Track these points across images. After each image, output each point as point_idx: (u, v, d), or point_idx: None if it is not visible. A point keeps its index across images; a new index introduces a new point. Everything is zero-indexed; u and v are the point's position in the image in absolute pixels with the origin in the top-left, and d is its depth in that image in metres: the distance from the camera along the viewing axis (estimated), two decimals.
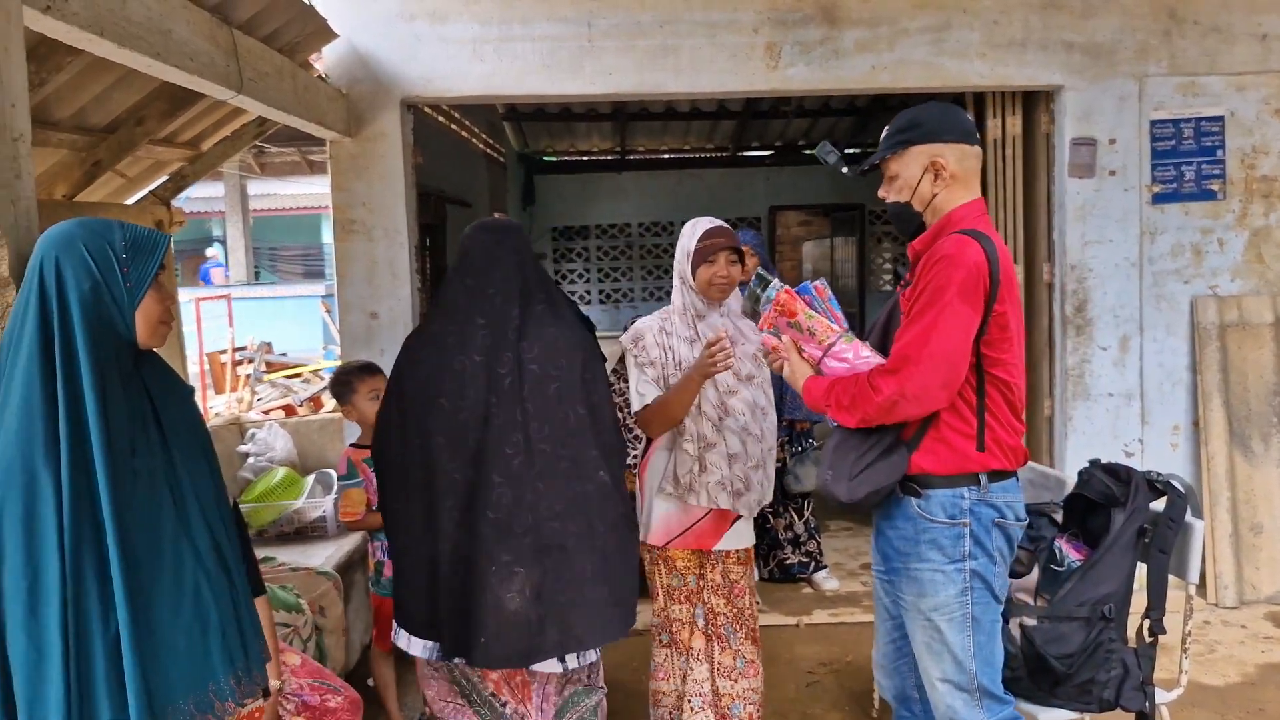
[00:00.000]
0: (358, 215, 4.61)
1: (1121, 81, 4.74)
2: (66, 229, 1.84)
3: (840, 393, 2.45)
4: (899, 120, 2.53)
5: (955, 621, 2.46)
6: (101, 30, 2.40)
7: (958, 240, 2.38)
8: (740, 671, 3.13)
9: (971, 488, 2.44)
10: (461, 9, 4.55)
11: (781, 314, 2.60)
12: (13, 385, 1.75)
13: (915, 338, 2.34)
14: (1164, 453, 4.81)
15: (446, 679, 2.62)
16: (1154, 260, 4.80)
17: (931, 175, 2.47)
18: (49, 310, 1.77)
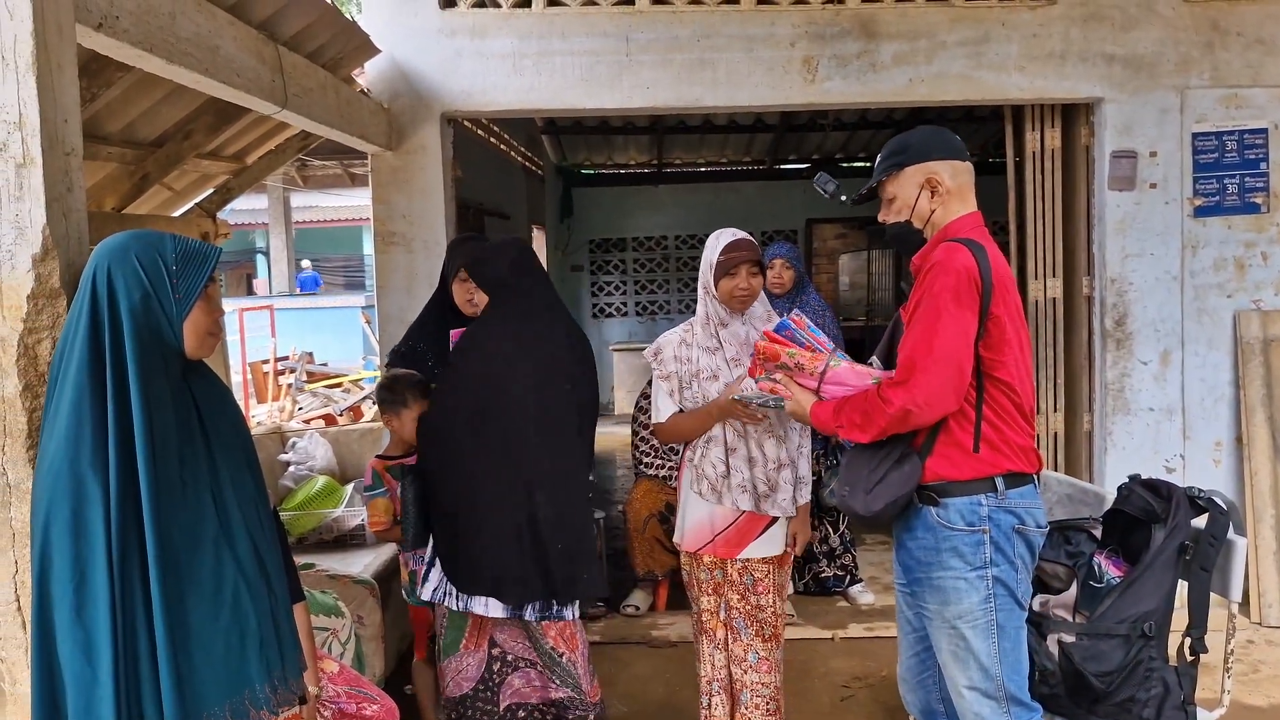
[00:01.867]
0: (398, 227, 4.67)
1: (1163, 94, 4.69)
2: (120, 240, 1.89)
3: (850, 412, 2.50)
4: (889, 145, 2.64)
5: (980, 629, 2.49)
6: (151, 46, 2.45)
7: (946, 248, 2.46)
8: (751, 665, 3.19)
9: (989, 494, 2.47)
10: (501, 24, 4.60)
11: (765, 360, 2.68)
12: (64, 391, 1.79)
13: (917, 346, 2.41)
14: (1206, 468, 4.75)
15: (519, 627, 3.10)
16: (1196, 274, 4.75)
17: (928, 192, 2.56)
18: (100, 319, 1.82)
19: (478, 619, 3.09)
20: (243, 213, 18.10)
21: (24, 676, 1.96)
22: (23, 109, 1.89)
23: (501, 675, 3.14)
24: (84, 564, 1.75)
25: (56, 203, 1.94)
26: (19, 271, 1.91)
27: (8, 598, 1.96)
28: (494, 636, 3.13)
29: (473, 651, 3.13)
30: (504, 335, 3.06)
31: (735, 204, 11.35)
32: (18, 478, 1.93)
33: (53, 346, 1.93)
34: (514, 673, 3.14)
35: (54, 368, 1.85)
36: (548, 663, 3.10)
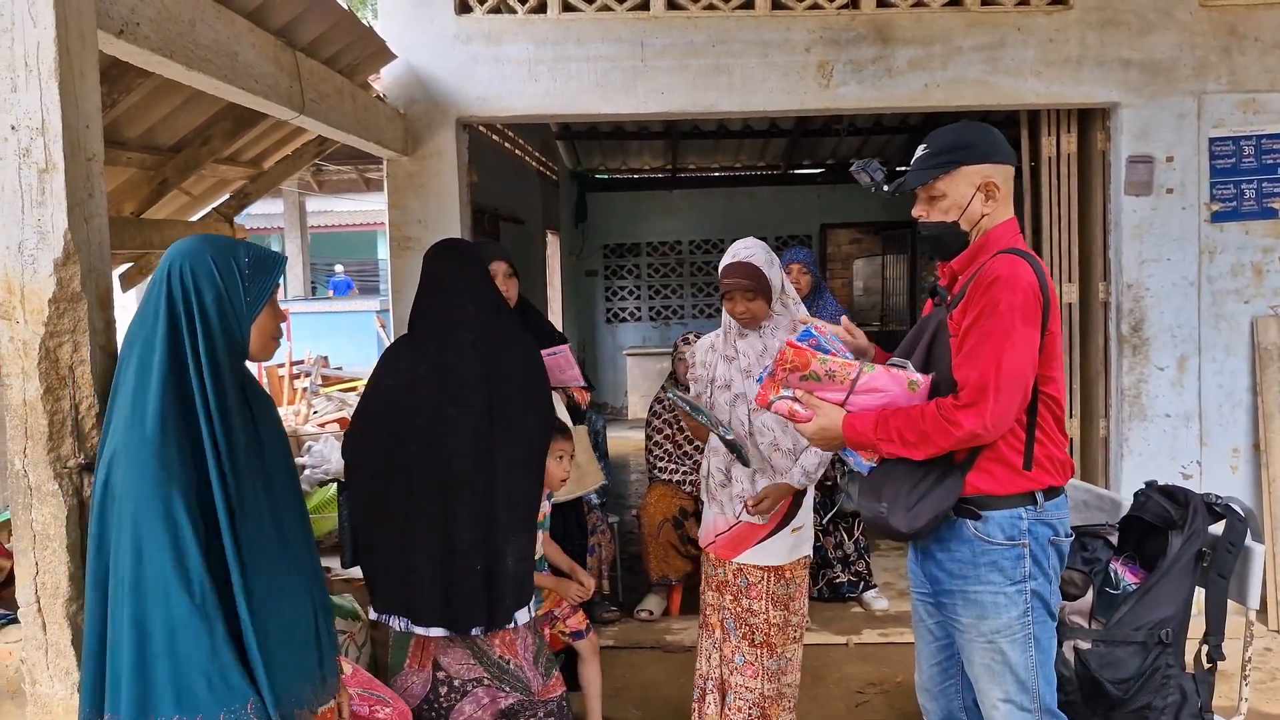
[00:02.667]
0: (413, 232, 4.69)
1: (1180, 98, 4.68)
2: (195, 242, 1.97)
3: (903, 429, 2.38)
4: (946, 138, 2.48)
5: (1018, 642, 2.44)
6: (171, 53, 2.47)
7: (1009, 261, 2.36)
8: (737, 667, 3.27)
9: (1029, 507, 2.42)
10: (517, 30, 4.62)
11: (793, 370, 2.48)
12: (146, 383, 1.85)
13: (987, 366, 2.30)
14: (1223, 475, 4.72)
15: (464, 648, 3.03)
16: (1213, 279, 4.73)
17: (983, 196, 2.45)
18: (177, 315, 1.89)
19: (420, 639, 3.03)
20: (259, 217, 18.19)
21: (44, 677, 1.98)
22: (45, 115, 1.91)
23: (450, 700, 3.04)
24: (181, 546, 1.81)
25: (78, 208, 1.96)
26: (41, 275, 1.93)
27: (28, 599, 1.98)
28: (438, 659, 3.04)
29: (416, 671, 3.05)
30: (427, 347, 2.97)
31: (749, 209, 11.35)
32: (39, 479, 1.95)
33: (74, 350, 1.95)
34: (463, 698, 3.03)
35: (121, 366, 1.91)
36: (496, 673, 3.05)
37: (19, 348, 1.94)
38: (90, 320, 1.97)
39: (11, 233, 1.93)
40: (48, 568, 1.96)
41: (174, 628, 1.79)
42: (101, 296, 2.02)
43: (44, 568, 1.96)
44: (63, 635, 1.97)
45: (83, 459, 1.97)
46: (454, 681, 3.03)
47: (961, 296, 2.42)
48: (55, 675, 1.98)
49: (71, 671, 1.98)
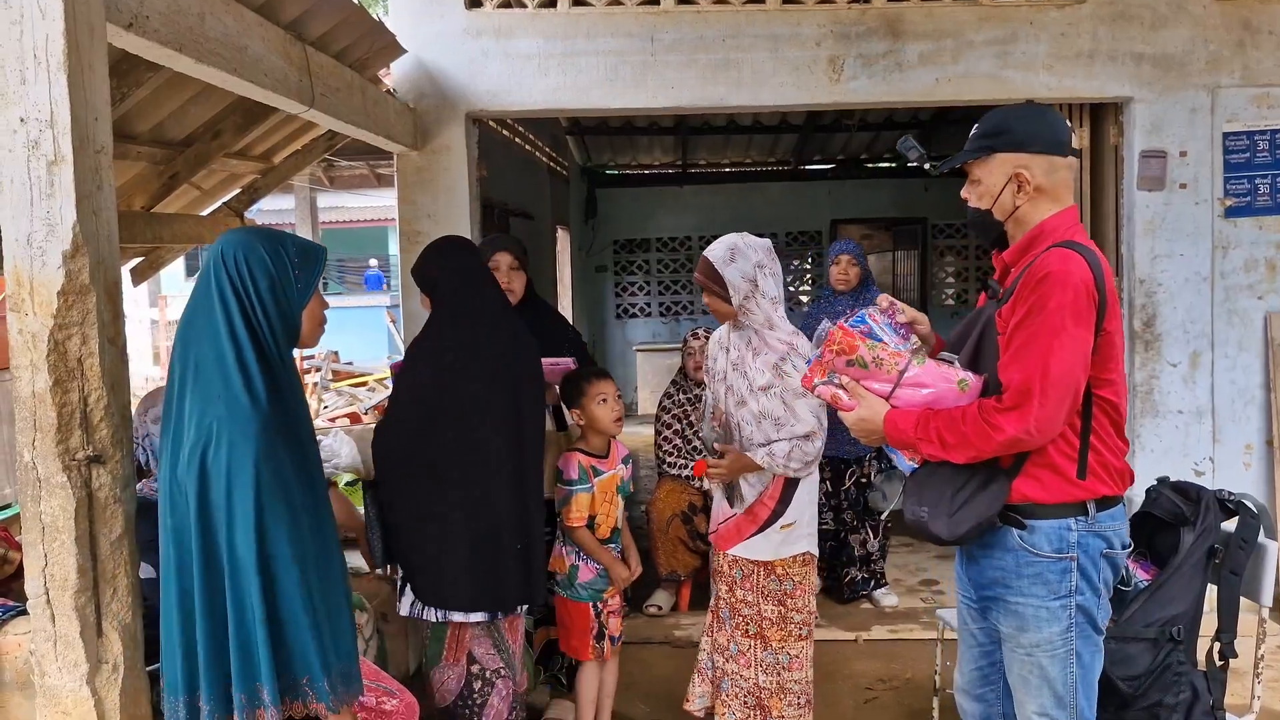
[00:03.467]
0: (423, 227, 4.69)
1: (1193, 93, 4.65)
2: (246, 234, 2.10)
3: (943, 430, 2.27)
4: (988, 121, 2.39)
5: (1058, 658, 2.34)
6: (180, 46, 2.47)
7: (1061, 255, 2.24)
8: (731, 655, 3.28)
9: (1079, 518, 2.30)
10: (527, 25, 4.61)
11: (840, 353, 2.38)
12: (246, 368, 1.99)
13: (1033, 368, 2.18)
14: (1236, 472, 4.70)
15: (489, 636, 3.09)
16: (1226, 275, 4.70)
17: (1014, 187, 2.34)
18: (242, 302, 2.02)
19: (455, 631, 3.05)
20: (269, 213, 18.21)
21: (53, 668, 1.98)
22: (54, 108, 1.91)
23: (483, 695, 3.07)
24: (300, 519, 2.01)
25: (86, 200, 1.96)
26: (50, 268, 1.93)
27: (37, 591, 1.98)
28: (472, 651, 3.07)
29: (451, 665, 3.07)
30: (450, 341, 3.03)
31: (760, 204, 11.32)
32: (48, 471, 1.95)
33: (82, 342, 1.95)
34: (492, 691, 3.08)
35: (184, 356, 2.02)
36: (508, 662, 3.12)
37: (28, 340, 1.94)
38: (98, 313, 1.96)
39: (20, 225, 1.93)
40: (56, 560, 1.96)
41: (308, 593, 1.98)
42: (110, 289, 2.02)
43: (53, 560, 1.96)
44: (71, 627, 1.97)
45: (91, 451, 1.97)
46: (485, 673, 3.09)
47: (1012, 291, 2.30)
48: (64, 667, 1.99)
49: (80, 663, 1.98)
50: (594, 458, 3.42)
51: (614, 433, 3.47)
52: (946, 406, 2.31)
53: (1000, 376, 2.26)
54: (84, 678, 1.98)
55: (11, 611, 2.64)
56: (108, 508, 2.00)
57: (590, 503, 3.38)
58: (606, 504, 3.43)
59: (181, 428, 1.98)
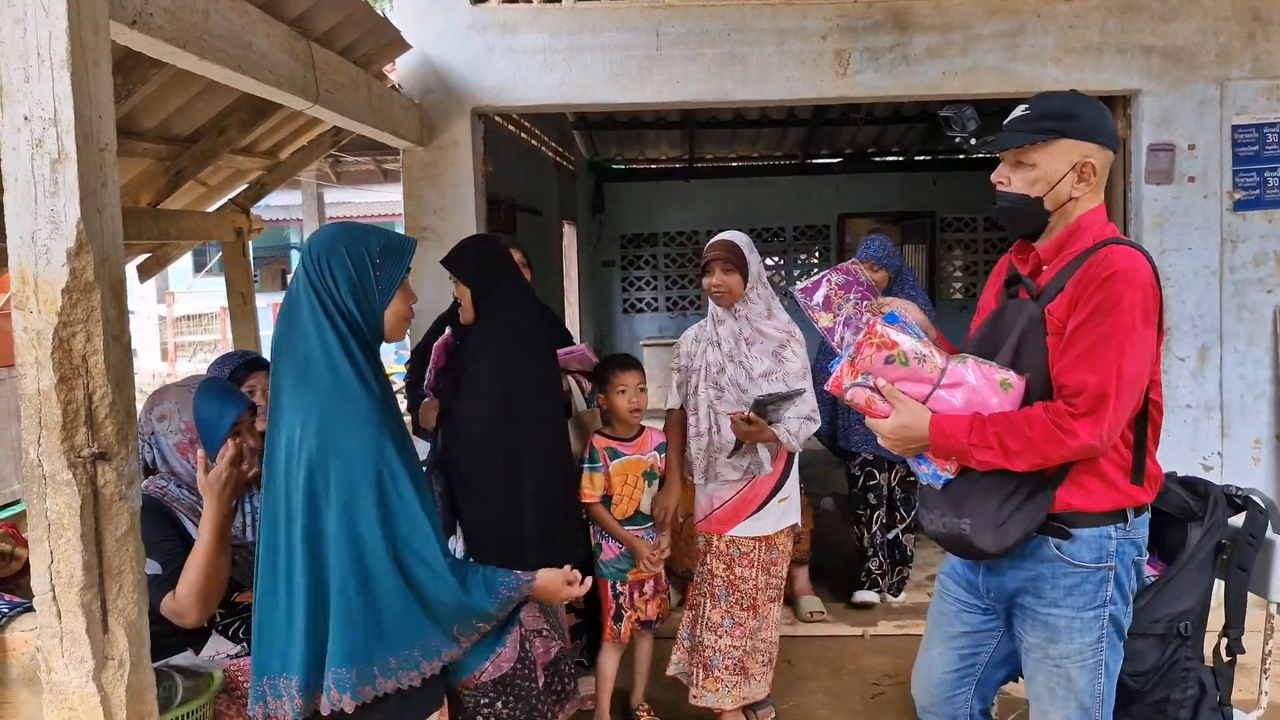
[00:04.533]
0: (429, 222, 4.69)
1: (1202, 85, 4.62)
2: (329, 234, 2.16)
3: (1004, 436, 2.15)
4: (1052, 104, 2.26)
5: (1088, 668, 2.30)
6: (185, 43, 2.47)
7: (1127, 253, 2.17)
8: (726, 630, 3.54)
9: (1119, 525, 2.26)
10: (532, 20, 4.60)
11: (879, 349, 2.21)
12: (354, 360, 2.09)
13: (1109, 371, 2.10)
14: (1245, 467, 4.67)
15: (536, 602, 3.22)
16: (1235, 269, 4.67)
17: (1075, 176, 2.23)
18: (325, 303, 2.09)
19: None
20: (276, 208, 18.27)
21: (60, 665, 1.99)
22: (58, 105, 1.91)
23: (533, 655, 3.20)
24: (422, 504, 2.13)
25: (91, 198, 1.95)
26: (54, 266, 1.93)
27: (43, 588, 1.98)
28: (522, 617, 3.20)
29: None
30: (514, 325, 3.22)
31: (767, 199, 11.30)
32: (53, 469, 1.95)
33: (87, 340, 1.95)
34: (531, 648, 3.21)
35: (282, 354, 2.12)
36: (553, 623, 3.28)
37: (33, 337, 1.94)
38: (103, 310, 1.96)
39: (25, 223, 1.93)
40: (62, 556, 1.96)
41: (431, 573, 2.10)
42: (114, 286, 2.01)
43: (58, 556, 1.97)
44: (77, 623, 1.97)
45: (96, 448, 1.97)
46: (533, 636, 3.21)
47: (1059, 288, 2.21)
48: (70, 663, 1.99)
49: (86, 659, 1.98)
50: (618, 441, 3.60)
51: (629, 422, 3.61)
52: (990, 410, 2.20)
53: (1065, 379, 2.17)
54: (90, 674, 1.98)
55: (18, 608, 2.65)
56: (113, 504, 2.00)
57: (604, 482, 3.54)
58: (627, 486, 3.57)
59: (294, 419, 2.07)
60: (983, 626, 2.51)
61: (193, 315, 15.63)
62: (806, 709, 3.97)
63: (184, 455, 2.57)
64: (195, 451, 2.52)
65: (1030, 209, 2.28)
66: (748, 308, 3.47)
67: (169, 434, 2.57)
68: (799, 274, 11.55)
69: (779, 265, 11.76)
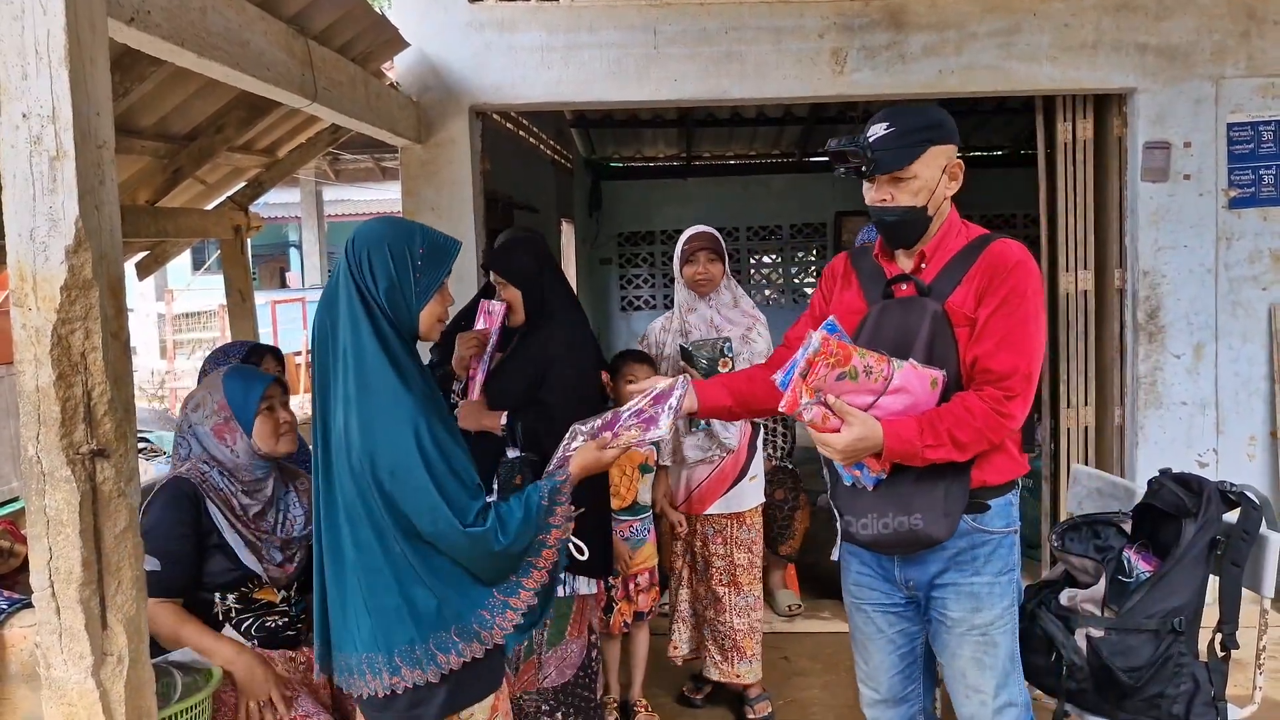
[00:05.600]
0: (426, 220, 4.67)
1: (1197, 83, 4.63)
2: (374, 229, 2.15)
3: (954, 430, 2.24)
4: (916, 118, 2.34)
5: (1007, 631, 2.46)
6: (183, 41, 2.48)
7: (1019, 247, 2.36)
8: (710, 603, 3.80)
9: (1016, 492, 2.46)
10: (530, 18, 4.61)
11: (834, 365, 2.17)
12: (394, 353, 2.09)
13: (1027, 353, 2.28)
14: (1240, 463, 4.69)
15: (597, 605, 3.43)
16: (1230, 266, 4.69)
17: (947, 177, 2.38)
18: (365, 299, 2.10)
19: (580, 604, 3.25)
20: (275, 206, 18.27)
21: (59, 661, 1.99)
22: (56, 103, 1.91)
23: (598, 662, 3.35)
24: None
25: (89, 195, 1.96)
26: (52, 263, 1.94)
27: (42, 584, 1.99)
28: (591, 622, 3.33)
29: (576, 639, 3.25)
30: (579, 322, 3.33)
31: (764, 197, 11.30)
32: (52, 465, 1.96)
33: (85, 337, 1.96)
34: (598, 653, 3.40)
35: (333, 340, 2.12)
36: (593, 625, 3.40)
37: (31, 334, 1.95)
38: (102, 307, 1.97)
39: (23, 220, 1.94)
40: (61, 553, 1.97)
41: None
42: (113, 283, 2.02)
43: (57, 553, 1.97)
44: (76, 620, 1.98)
45: (95, 445, 1.98)
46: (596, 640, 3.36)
47: (956, 282, 2.33)
48: (69, 659, 2.00)
49: (85, 656, 1.99)
50: None
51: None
52: (920, 409, 2.27)
53: (990, 364, 2.28)
54: (89, 670, 1.99)
55: (17, 604, 2.66)
56: (111, 501, 2.01)
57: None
58: (625, 478, 3.66)
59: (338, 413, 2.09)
60: (909, 618, 2.57)
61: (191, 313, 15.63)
62: (803, 705, 3.99)
63: (221, 438, 2.64)
64: (232, 430, 2.62)
65: (918, 218, 2.37)
66: (718, 297, 3.75)
67: (204, 420, 2.65)
68: (797, 271, 11.56)
69: (776, 263, 11.77)
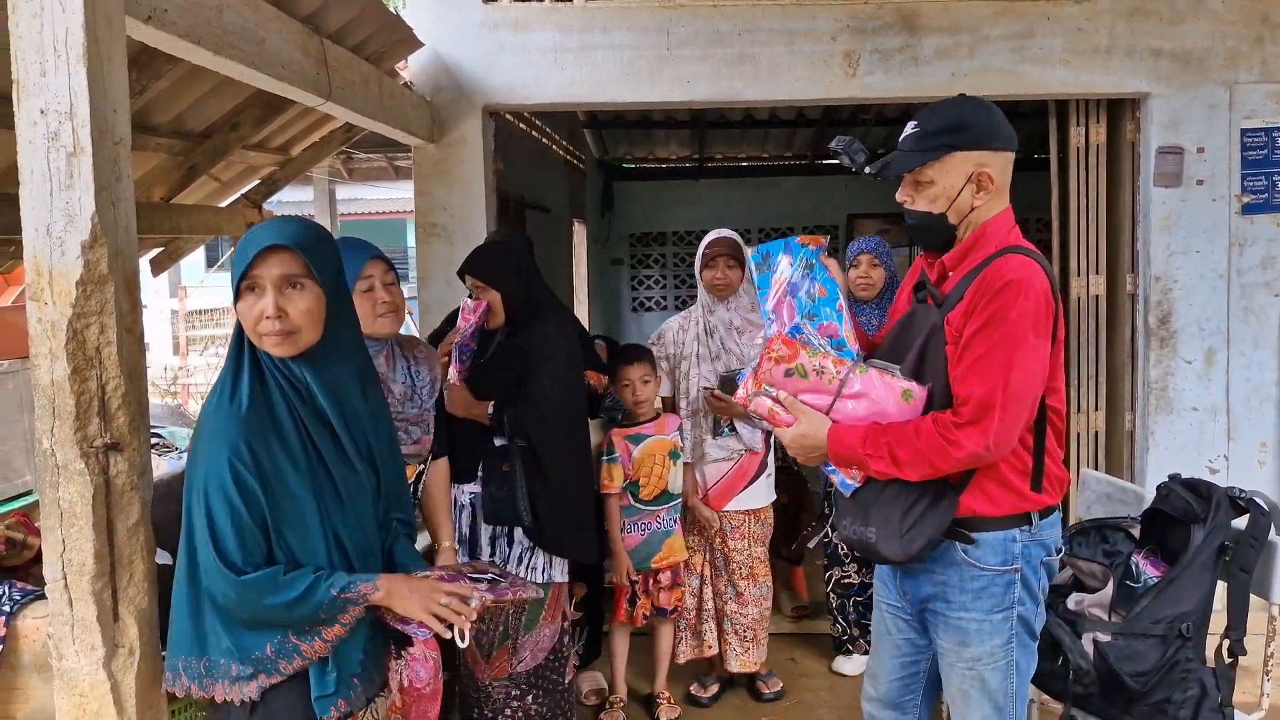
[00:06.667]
0: (439, 219, 4.71)
1: (1211, 89, 4.62)
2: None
3: (894, 446, 2.18)
4: (938, 118, 2.25)
5: (999, 669, 2.31)
6: (199, 39, 2.50)
7: (1022, 263, 2.17)
8: (731, 598, 3.88)
9: (1024, 529, 2.26)
10: (543, 18, 4.62)
11: (779, 362, 2.24)
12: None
13: (995, 381, 2.11)
14: (1250, 470, 4.68)
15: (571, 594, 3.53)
16: (1243, 272, 4.68)
17: (974, 186, 2.23)
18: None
19: (556, 591, 3.29)
20: (290, 204, 18.28)
21: (70, 652, 2.02)
22: (73, 100, 1.94)
23: (569, 647, 3.39)
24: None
25: (105, 191, 1.98)
26: (69, 258, 1.96)
27: (55, 575, 2.01)
28: (565, 609, 3.38)
29: (550, 624, 3.28)
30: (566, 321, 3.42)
31: (776, 199, 11.29)
32: (66, 458, 1.98)
33: (100, 331, 1.98)
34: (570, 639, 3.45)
35: None
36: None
37: (47, 329, 1.97)
38: (116, 302, 1.99)
39: (40, 215, 1.96)
40: (74, 545, 1.99)
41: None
42: (128, 279, 2.04)
43: (70, 545, 2.00)
44: (88, 611, 2.00)
45: (109, 439, 2.00)
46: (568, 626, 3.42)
47: (959, 297, 2.21)
48: (81, 651, 2.02)
49: (97, 647, 2.01)
50: (636, 427, 3.72)
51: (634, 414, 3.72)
52: (890, 420, 2.22)
53: (956, 389, 2.18)
54: (101, 661, 2.02)
55: (30, 596, 2.68)
56: (124, 494, 2.03)
57: (623, 474, 3.68)
58: (657, 467, 3.71)
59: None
60: (917, 630, 2.48)
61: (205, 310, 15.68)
62: (810, 706, 3.99)
63: None
64: None
65: (936, 225, 2.29)
66: (737, 301, 3.81)
67: None
68: None
69: None
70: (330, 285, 1.95)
